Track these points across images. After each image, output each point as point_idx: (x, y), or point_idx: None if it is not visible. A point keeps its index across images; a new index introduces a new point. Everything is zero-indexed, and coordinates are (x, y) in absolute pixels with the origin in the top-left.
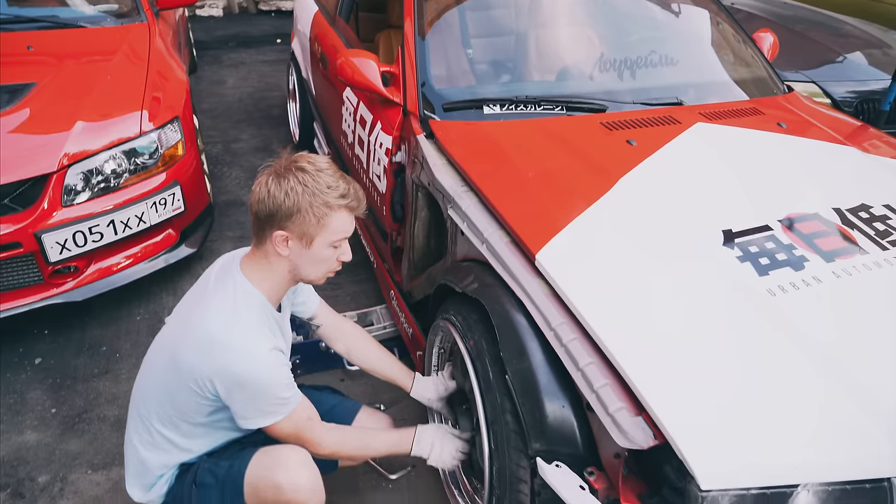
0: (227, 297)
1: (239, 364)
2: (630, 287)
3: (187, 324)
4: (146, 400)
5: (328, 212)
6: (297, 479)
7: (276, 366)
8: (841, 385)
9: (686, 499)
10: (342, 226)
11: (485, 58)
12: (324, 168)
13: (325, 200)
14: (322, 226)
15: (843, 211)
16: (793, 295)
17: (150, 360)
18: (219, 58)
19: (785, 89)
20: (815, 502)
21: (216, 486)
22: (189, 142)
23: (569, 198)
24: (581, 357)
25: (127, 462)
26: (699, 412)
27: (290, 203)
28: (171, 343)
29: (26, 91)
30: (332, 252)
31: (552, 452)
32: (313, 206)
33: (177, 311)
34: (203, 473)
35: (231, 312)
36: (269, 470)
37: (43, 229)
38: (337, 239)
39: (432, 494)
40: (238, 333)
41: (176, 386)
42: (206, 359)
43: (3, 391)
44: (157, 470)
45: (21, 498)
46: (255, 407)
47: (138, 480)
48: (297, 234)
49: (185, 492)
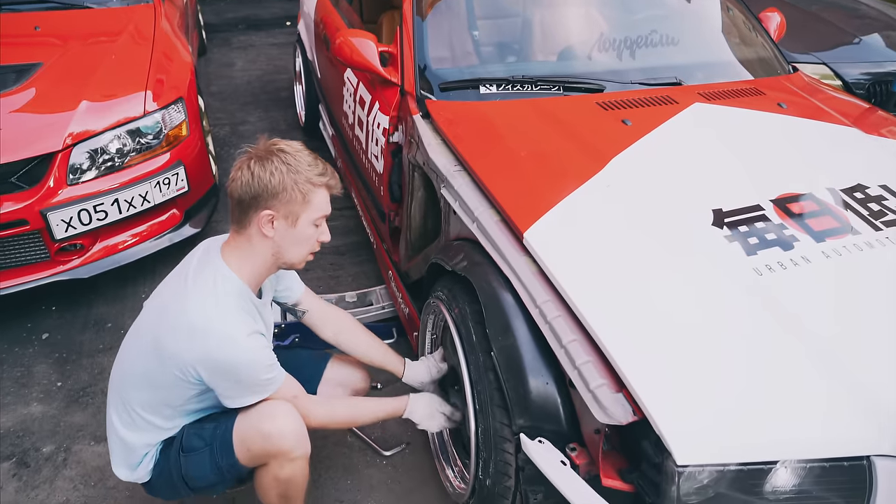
0: (207, 283)
1: (220, 350)
2: (615, 266)
3: (168, 311)
4: (126, 384)
5: (312, 188)
6: (282, 427)
7: (256, 348)
8: (822, 363)
9: (663, 474)
10: (323, 203)
11: (483, 38)
12: (300, 149)
13: (308, 178)
14: (307, 202)
15: (837, 191)
16: (780, 274)
17: (130, 345)
18: (228, 40)
19: (789, 70)
20: (793, 479)
21: (205, 447)
22: (193, 122)
23: (560, 177)
24: (564, 334)
25: (110, 444)
26: (678, 389)
27: (275, 182)
28: (152, 329)
29: (33, 71)
30: (314, 231)
31: (536, 428)
32: (298, 184)
33: (156, 296)
34: (189, 438)
35: (211, 299)
36: (256, 421)
37: (48, 207)
38: (319, 217)
39: (425, 471)
40: (217, 320)
41: (159, 372)
42: (188, 346)
43: (10, 364)
44: (142, 449)
45: (26, 467)
46: (240, 389)
47: (124, 461)
48: (283, 212)
49: (171, 462)
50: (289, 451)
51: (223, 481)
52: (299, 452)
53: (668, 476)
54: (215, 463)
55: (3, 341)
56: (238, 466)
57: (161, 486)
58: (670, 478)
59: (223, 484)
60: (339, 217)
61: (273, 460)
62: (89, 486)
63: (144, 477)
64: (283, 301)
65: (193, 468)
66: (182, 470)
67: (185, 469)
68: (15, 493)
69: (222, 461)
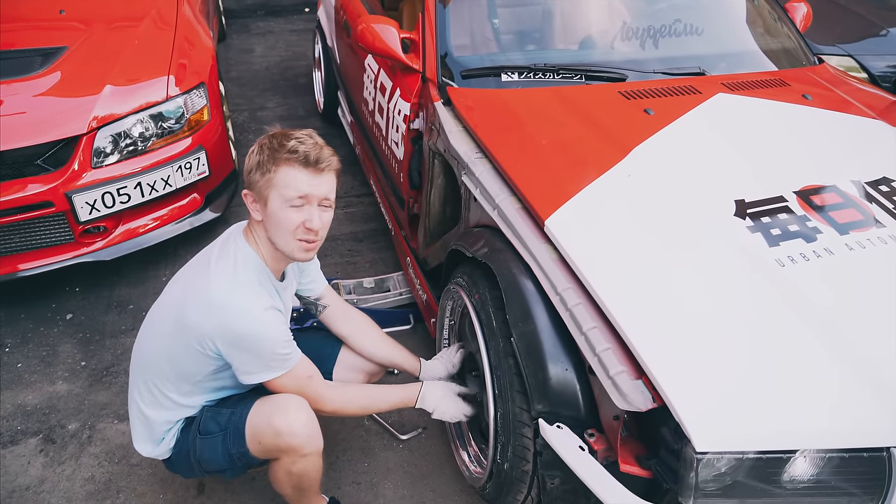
0: (229, 260)
1: (237, 322)
2: (636, 254)
3: (191, 287)
4: (148, 361)
5: (273, 167)
6: (292, 423)
7: (273, 322)
8: (843, 355)
9: (682, 461)
10: (292, 181)
11: (505, 25)
12: (292, 134)
13: (273, 157)
14: (268, 181)
15: (862, 184)
16: (802, 266)
17: (152, 322)
18: (247, 26)
19: (815, 61)
20: (811, 469)
21: (219, 433)
22: (214, 107)
23: (581, 166)
24: (585, 321)
25: (132, 421)
26: (698, 377)
27: (250, 162)
28: (175, 307)
29: (59, 54)
30: (293, 214)
31: (554, 414)
32: (262, 163)
33: (180, 275)
34: (206, 422)
35: (230, 274)
36: (268, 415)
37: (73, 189)
38: (291, 196)
39: (441, 455)
40: (236, 294)
41: (180, 347)
42: (207, 319)
43: (36, 344)
44: (162, 425)
45: (52, 443)
46: (256, 363)
47: (146, 437)
48: (255, 192)
49: (189, 443)
50: (299, 447)
51: (234, 468)
52: (311, 449)
53: (687, 463)
54: (227, 450)
55: (28, 321)
56: (249, 456)
57: (180, 464)
58: (689, 464)
59: (234, 470)
60: (357, 204)
61: (285, 455)
62: (113, 463)
63: (165, 454)
64: (306, 294)
65: (207, 452)
66: (197, 452)
67: (200, 452)
68: (42, 468)
69: (234, 450)
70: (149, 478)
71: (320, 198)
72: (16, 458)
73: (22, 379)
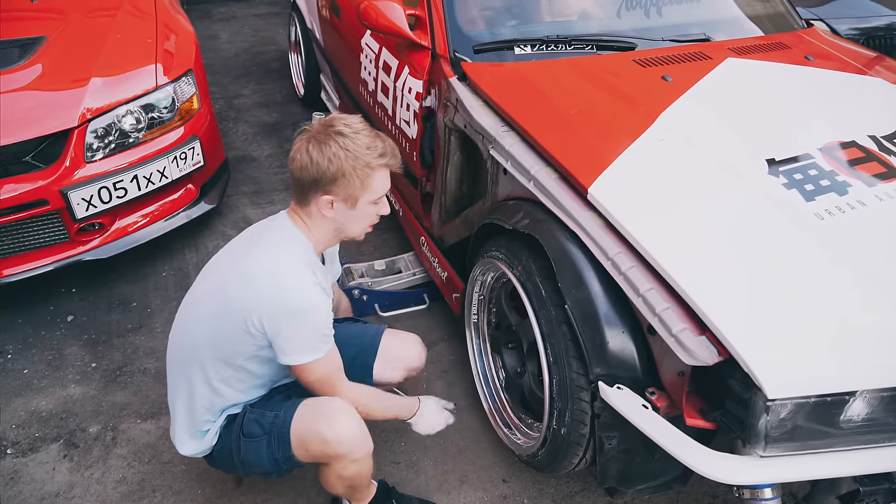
0: (275, 237)
1: (285, 292)
2: (682, 215)
3: (235, 266)
4: (185, 349)
5: (370, 173)
6: (340, 433)
7: (320, 297)
8: (892, 298)
9: (751, 409)
10: (383, 184)
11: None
12: (360, 129)
13: (366, 162)
14: (366, 187)
15: (878, 138)
16: (840, 218)
17: (188, 314)
18: (209, 12)
19: (804, 24)
20: (867, 409)
21: (263, 436)
22: (203, 95)
23: (612, 133)
24: (641, 284)
25: (174, 418)
26: (760, 328)
27: (334, 169)
28: (216, 291)
29: (37, 45)
30: (374, 208)
31: (612, 376)
32: (356, 170)
33: (216, 262)
34: (249, 424)
35: (278, 248)
36: (314, 422)
37: (69, 186)
38: (379, 196)
39: (476, 429)
40: (285, 265)
41: (223, 326)
42: (254, 290)
43: (40, 348)
44: (205, 417)
45: (75, 447)
46: (298, 340)
47: (187, 433)
48: (342, 196)
49: (232, 443)
50: (349, 454)
51: (279, 470)
52: (362, 454)
53: (758, 411)
54: (271, 454)
55: (28, 325)
56: (294, 461)
57: (222, 461)
58: (759, 412)
59: (278, 473)
60: None
61: (335, 462)
62: (143, 463)
63: (207, 450)
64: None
65: (251, 454)
66: (241, 453)
67: (244, 453)
68: (69, 473)
69: (279, 454)
70: (183, 474)
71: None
72: (39, 465)
73: (31, 385)
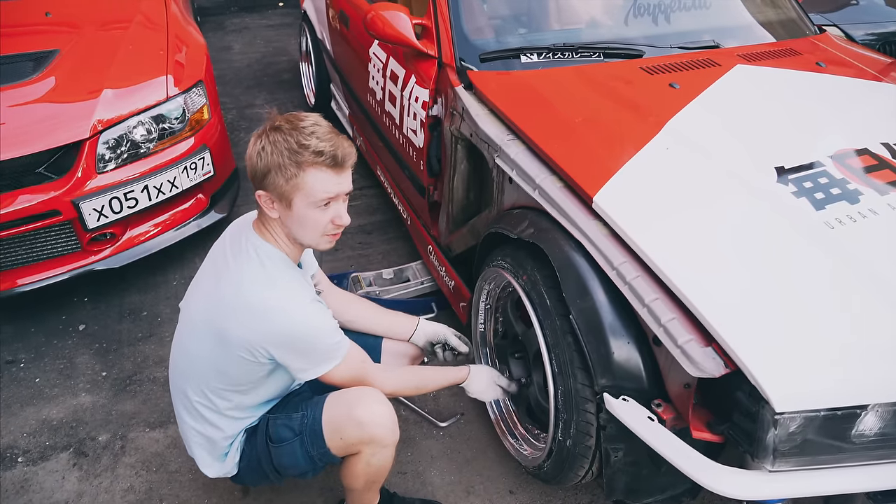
0: (253, 262)
1: (287, 324)
2: (689, 224)
3: (220, 295)
4: (189, 378)
5: (298, 171)
6: (375, 414)
7: (320, 313)
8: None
9: (759, 422)
10: (320, 185)
11: (518, 7)
12: (302, 126)
13: (295, 160)
14: (294, 186)
15: (891, 145)
16: (850, 227)
17: (185, 340)
18: (222, 24)
19: (816, 30)
20: (880, 423)
21: (295, 438)
22: (214, 106)
23: (618, 142)
24: (646, 294)
25: (190, 445)
26: (767, 339)
27: (262, 164)
28: (206, 319)
29: (51, 58)
30: (321, 213)
31: (617, 387)
32: (282, 167)
33: (196, 285)
34: (277, 429)
35: (263, 276)
36: (348, 408)
37: (80, 196)
38: (319, 199)
39: (483, 439)
40: (276, 294)
41: (225, 361)
42: (254, 327)
43: (52, 357)
44: (224, 440)
45: (84, 456)
46: (312, 359)
47: (209, 456)
48: (275, 194)
49: (261, 452)
50: (383, 437)
51: (315, 468)
52: (392, 439)
53: (766, 423)
54: (307, 453)
55: (40, 334)
56: (330, 455)
57: (250, 475)
58: (767, 425)
59: (314, 471)
60: (361, 196)
61: (366, 447)
62: (151, 472)
63: (233, 470)
64: None
65: (285, 458)
66: (274, 460)
67: (278, 459)
68: (78, 482)
69: (314, 451)
70: (190, 483)
71: (345, 193)
72: (49, 473)
73: (42, 393)
